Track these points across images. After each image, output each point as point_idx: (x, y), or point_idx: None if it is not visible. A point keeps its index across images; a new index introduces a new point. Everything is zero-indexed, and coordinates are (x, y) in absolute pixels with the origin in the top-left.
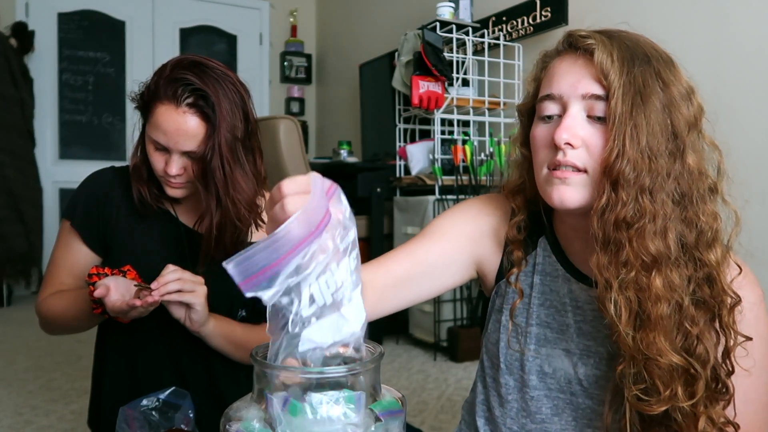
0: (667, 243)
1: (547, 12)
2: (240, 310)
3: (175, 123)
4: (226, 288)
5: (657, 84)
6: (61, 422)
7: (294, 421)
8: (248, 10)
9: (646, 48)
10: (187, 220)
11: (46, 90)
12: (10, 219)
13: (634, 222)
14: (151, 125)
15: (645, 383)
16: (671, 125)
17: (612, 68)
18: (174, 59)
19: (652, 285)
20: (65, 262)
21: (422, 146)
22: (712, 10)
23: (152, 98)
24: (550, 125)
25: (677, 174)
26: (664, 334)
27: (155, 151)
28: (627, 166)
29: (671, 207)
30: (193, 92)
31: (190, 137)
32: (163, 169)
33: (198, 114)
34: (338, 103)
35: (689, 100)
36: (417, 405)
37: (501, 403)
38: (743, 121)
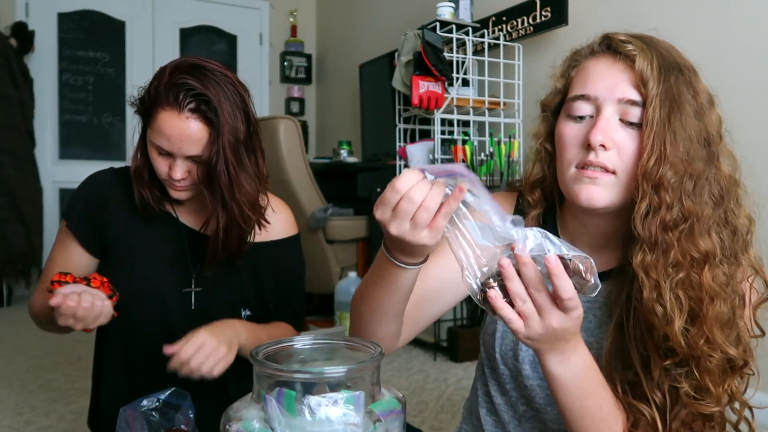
0: (713, 242)
1: (547, 12)
2: (243, 310)
3: (178, 128)
4: (230, 289)
5: (689, 93)
6: (61, 422)
7: (293, 421)
8: (248, 10)
9: (677, 57)
10: (188, 221)
11: (46, 90)
12: (10, 219)
13: (680, 223)
14: (154, 131)
15: (693, 381)
16: (705, 132)
17: (651, 76)
18: (172, 63)
19: (703, 282)
20: (62, 263)
21: (422, 146)
22: (712, 10)
23: (153, 104)
24: (581, 125)
25: (714, 178)
26: (720, 330)
27: (158, 155)
28: (669, 170)
29: (712, 209)
30: (194, 97)
31: (194, 142)
32: (167, 173)
33: (201, 119)
34: (338, 103)
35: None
36: (417, 405)
37: (502, 392)
38: (743, 121)
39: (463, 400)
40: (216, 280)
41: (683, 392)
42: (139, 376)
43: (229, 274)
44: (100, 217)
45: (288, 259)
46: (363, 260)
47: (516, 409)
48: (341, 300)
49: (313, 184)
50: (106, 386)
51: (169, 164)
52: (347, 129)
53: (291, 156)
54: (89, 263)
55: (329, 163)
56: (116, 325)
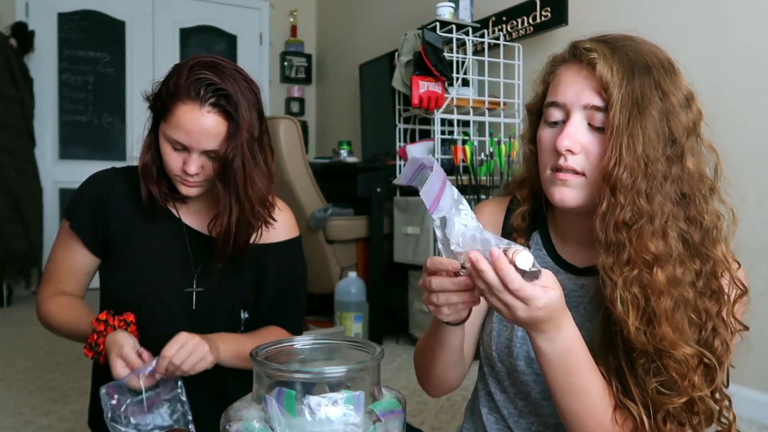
0: (667, 241)
1: (547, 12)
2: (242, 312)
3: (198, 122)
4: (230, 291)
5: (656, 94)
6: (61, 422)
7: (293, 421)
8: (248, 10)
9: (648, 57)
10: (191, 221)
11: (46, 90)
12: (10, 219)
13: (632, 223)
14: (171, 125)
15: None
16: (669, 132)
17: (612, 81)
18: (190, 59)
19: (654, 281)
20: (64, 263)
21: (422, 146)
22: (712, 10)
23: (172, 98)
24: (554, 130)
25: (676, 177)
26: (673, 327)
27: (173, 150)
28: (624, 172)
29: (671, 207)
30: (215, 92)
31: (213, 136)
32: (181, 168)
33: (221, 113)
34: (338, 103)
35: (688, 107)
36: (417, 405)
37: (501, 389)
38: (743, 121)
39: (463, 400)
40: (217, 281)
41: (651, 388)
42: None
43: (230, 275)
44: (103, 217)
45: (290, 261)
46: (363, 260)
47: (515, 405)
48: (341, 300)
49: (313, 184)
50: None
51: (183, 159)
52: (347, 129)
53: (291, 156)
54: (91, 263)
55: (329, 163)
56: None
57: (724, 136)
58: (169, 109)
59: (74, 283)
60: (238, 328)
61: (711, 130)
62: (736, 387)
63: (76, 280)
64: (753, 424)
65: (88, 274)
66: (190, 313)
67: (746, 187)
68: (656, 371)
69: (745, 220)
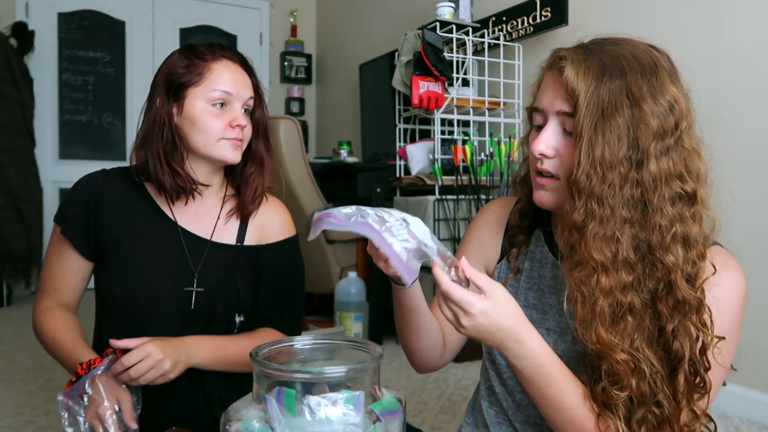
0: (617, 245)
1: (547, 12)
2: (237, 315)
3: (237, 72)
4: (225, 294)
5: (625, 99)
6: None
7: (293, 421)
8: (248, 10)
9: (626, 61)
10: (186, 223)
11: (46, 90)
12: (10, 219)
13: (584, 225)
14: (212, 81)
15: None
16: (634, 137)
17: (578, 88)
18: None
19: (598, 284)
20: (59, 269)
21: (422, 146)
22: (711, 9)
23: (204, 59)
24: (536, 134)
25: (636, 182)
26: (606, 330)
27: (216, 109)
28: (581, 176)
29: (626, 212)
30: (237, 53)
31: (249, 86)
32: (227, 126)
33: (246, 70)
34: (338, 103)
35: (669, 110)
36: (417, 405)
37: (501, 383)
38: (742, 120)
39: (463, 400)
40: (217, 283)
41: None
42: None
43: (228, 278)
44: (94, 221)
45: (288, 261)
46: (363, 260)
47: (513, 398)
48: (341, 300)
49: (313, 184)
50: None
51: (227, 118)
52: (347, 129)
53: (291, 156)
54: (85, 268)
55: (329, 163)
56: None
57: (723, 136)
58: (203, 71)
59: (70, 290)
60: (231, 331)
61: (701, 131)
62: (737, 387)
63: (71, 286)
64: (753, 424)
65: (84, 279)
66: (187, 314)
67: (746, 188)
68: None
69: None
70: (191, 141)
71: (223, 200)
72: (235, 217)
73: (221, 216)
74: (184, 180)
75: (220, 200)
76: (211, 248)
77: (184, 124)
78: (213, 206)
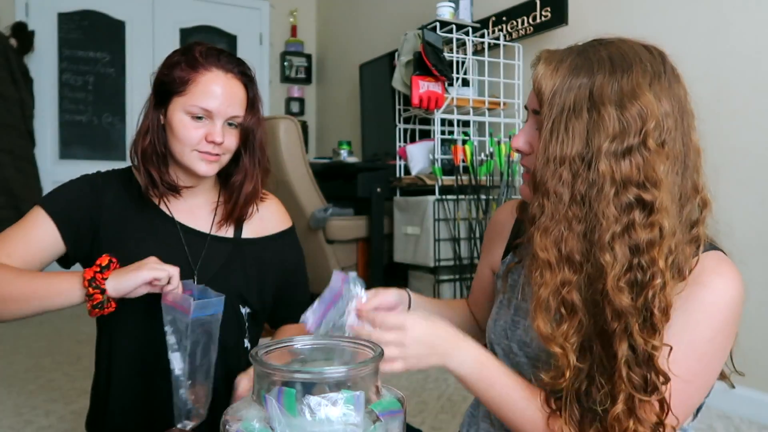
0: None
1: (547, 12)
2: (242, 307)
3: (226, 87)
4: (228, 287)
5: (586, 100)
6: (61, 422)
7: (293, 421)
8: (248, 10)
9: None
10: (183, 218)
11: (46, 90)
12: (10, 219)
13: (537, 217)
14: (195, 94)
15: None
16: (590, 137)
17: (544, 86)
18: (192, 42)
19: (542, 278)
20: (21, 239)
21: (422, 146)
22: (712, 9)
23: (194, 68)
24: None
25: (586, 180)
26: (543, 322)
27: (193, 120)
28: (538, 170)
29: (574, 210)
30: (235, 61)
31: (238, 101)
32: (202, 139)
33: (241, 80)
34: (338, 103)
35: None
36: (417, 405)
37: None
38: (743, 120)
39: (463, 400)
40: (217, 277)
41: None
42: (142, 374)
43: (229, 272)
44: (93, 218)
45: (288, 252)
46: (363, 260)
47: None
48: None
49: (313, 184)
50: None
51: (205, 131)
52: (347, 129)
53: (291, 156)
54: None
55: (329, 163)
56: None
57: (723, 136)
58: (190, 80)
59: (22, 257)
60: (241, 325)
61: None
62: (737, 387)
63: (26, 256)
64: (753, 424)
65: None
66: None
67: (746, 187)
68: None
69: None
70: (171, 147)
71: (218, 194)
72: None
73: (218, 210)
74: (164, 182)
75: (215, 194)
76: (211, 242)
77: (168, 129)
78: (208, 200)
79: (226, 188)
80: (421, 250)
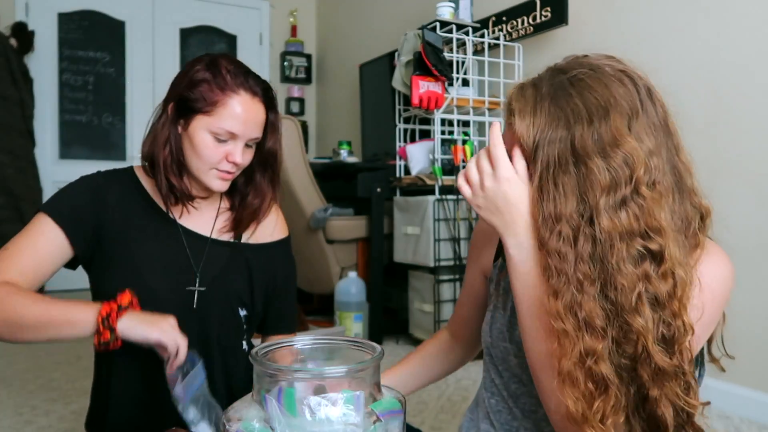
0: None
1: (547, 12)
2: (240, 309)
3: (252, 112)
4: (228, 289)
5: (570, 156)
6: (61, 422)
7: (293, 421)
8: (248, 10)
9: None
10: (186, 222)
11: (46, 90)
12: (10, 219)
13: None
14: (221, 116)
15: None
16: (582, 192)
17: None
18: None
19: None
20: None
21: (422, 146)
22: (712, 10)
23: (223, 90)
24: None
25: (590, 238)
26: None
27: (216, 142)
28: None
29: (585, 269)
30: (261, 83)
31: (260, 124)
32: (223, 160)
33: (264, 103)
34: (338, 103)
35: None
36: (417, 405)
37: (498, 374)
38: (741, 121)
39: (463, 400)
40: (217, 280)
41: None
42: (142, 374)
43: (228, 274)
44: (96, 218)
45: (282, 261)
46: (363, 260)
47: (508, 388)
48: (341, 300)
49: (313, 184)
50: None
51: (225, 151)
52: (347, 129)
53: (291, 156)
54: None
55: (329, 163)
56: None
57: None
58: (218, 102)
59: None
60: (240, 326)
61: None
62: (737, 387)
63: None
64: (753, 424)
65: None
66: (191, 313)
67: (746, 189)
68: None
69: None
70: (188, 160)
71: (220, 199)
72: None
73: (219, 215)
74: (180, 191)
75: (217, 197)
76: (211, 245)
77: (185, 141)
78: (210, 203)
79: (231, 195)
80: (421, 250)
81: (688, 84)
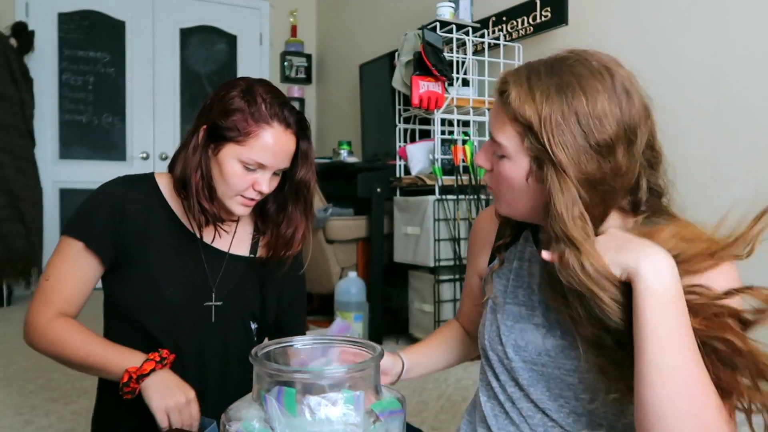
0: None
1: (547, 12)
2: (252, 323)
3: (283, 144)
4: (239, 305)
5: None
6: (61, 422)
7: (293, 421)
8: (248, 10)
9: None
10: (206, 236)
11: (46, 90)
12: (10, 219)
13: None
14: (253, 147)
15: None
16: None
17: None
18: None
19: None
20: (72, 281)
21: (422, 146)
22: (710, 9)
23: (257, 122)
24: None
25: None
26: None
27: (244, 171)
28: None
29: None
30: (296, 114)
31: (289, 155)
32: (249, 188)
33: (296, 133)
34: (338, 103)
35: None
36: (417, 405)
37: (495, 377)
38: (742, 119)
39: (463, 400)
40: (233, 294)
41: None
42: None
43: (242, 288)
44: (119, 231)
45: (293, 275)
46: (363, 260)
47: (505, 391)
48: (341, 300)
49: None
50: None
51: (252, 179)
52: (347, 129)
53: None
54: (97, 276)
55: (329, 163)
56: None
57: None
58: (251, 133)
59: (82, 300)
60: (251, 339)
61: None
62: None
63: (83, 297)
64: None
65: (92, 288)
66: (209, 327)
67: (746, 189)
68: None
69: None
70: (215, 185)
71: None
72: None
73: (237, 230)
74: (212, 215)
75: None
76: (229, 260)
77: (214, 167)
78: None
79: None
80: (421, 250)
81: (688, 84)
